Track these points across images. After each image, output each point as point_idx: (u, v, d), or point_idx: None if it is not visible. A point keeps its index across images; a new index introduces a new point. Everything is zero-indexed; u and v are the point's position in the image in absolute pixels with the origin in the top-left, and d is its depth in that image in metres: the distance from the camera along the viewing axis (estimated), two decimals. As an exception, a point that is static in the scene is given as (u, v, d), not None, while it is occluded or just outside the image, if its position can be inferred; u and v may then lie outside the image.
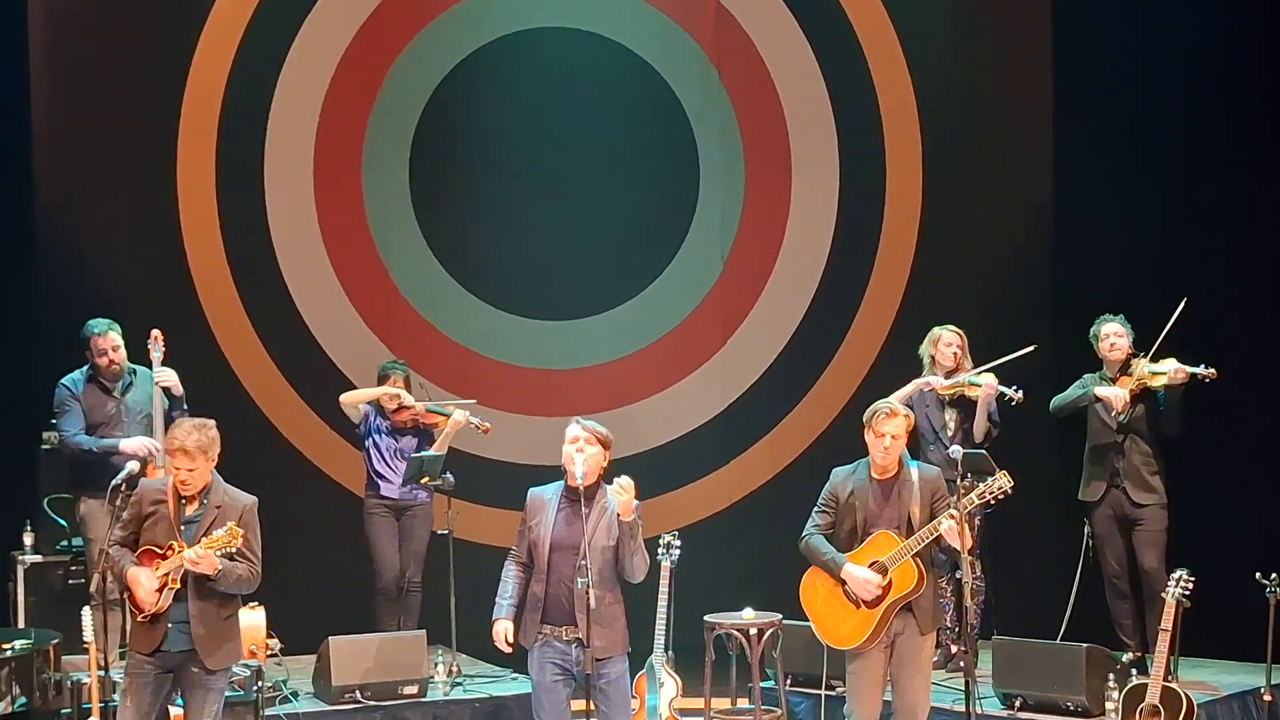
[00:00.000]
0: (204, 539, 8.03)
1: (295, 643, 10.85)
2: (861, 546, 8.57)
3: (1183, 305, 10.26)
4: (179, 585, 8.09)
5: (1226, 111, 11.78)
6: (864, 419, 8.64)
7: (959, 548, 8.48)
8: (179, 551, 8.03)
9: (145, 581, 8.08)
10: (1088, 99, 12.35)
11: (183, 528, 8.13)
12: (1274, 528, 11.06)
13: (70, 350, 10.73)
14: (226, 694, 8.47)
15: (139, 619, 8.16)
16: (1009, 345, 10.79)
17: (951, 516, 8.42)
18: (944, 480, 8.75)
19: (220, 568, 8.04)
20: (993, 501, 8.65)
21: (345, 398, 11.28)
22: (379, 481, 11.21)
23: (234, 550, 8.05)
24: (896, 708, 8.63)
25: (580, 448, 8.37)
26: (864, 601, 8.52)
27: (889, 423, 8.54)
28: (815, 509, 8.77)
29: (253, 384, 12.33)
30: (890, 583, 8.50)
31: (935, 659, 9.42)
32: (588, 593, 8.16)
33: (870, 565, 8.52)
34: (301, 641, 10.87)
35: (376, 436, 11.22)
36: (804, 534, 8.74)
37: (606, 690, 8.36)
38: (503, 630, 8.44)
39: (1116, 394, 10.37)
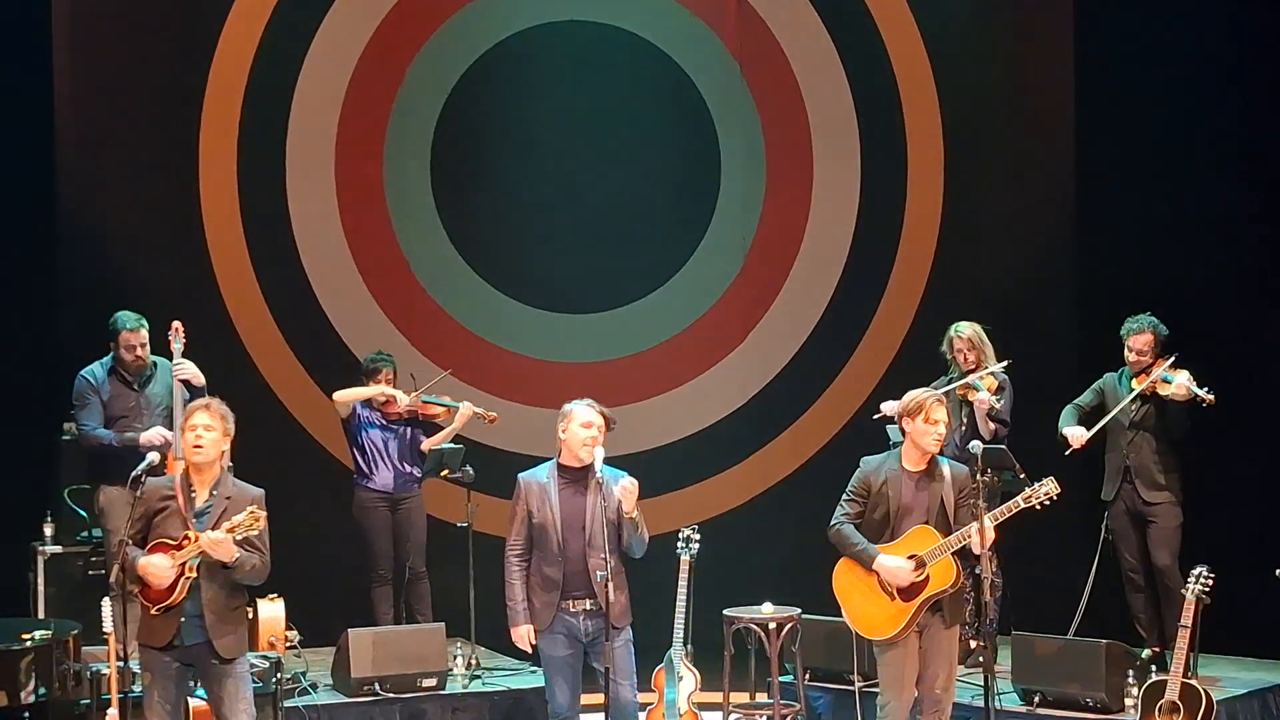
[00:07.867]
0: (223, 525, 7.99)
1: (314, 635, 10.83)
2: (900, 539, 8.51)
3: (1173, 359, 10.27)
4: (195, 575, 8.06)
5: (1254, 99, 11.69)
6: (907, 410, 8.55)
7: (978, 550, 8.48)
8: (194, 541, 8.00)
9: (160, 566, 8.01)
10: (1110, 87, 12.28)
11: (194, 520, 8.11)
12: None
13: (91, 341, 10.74)
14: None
15: (152, 612, 8.13)
16: (1031, 337, 10.74)
17: (994, 519, 8.42)
18: (970, 481, 8.62)
19: (237, 555, 8.02)
20: (1038, 507, 8.54)
21: (340, 396, 11.23)
22: (370, 475, 11.20)
23: (244, 539, 8.02)
24: (922, 697, 8.59)
25: (596, 436, 8.55)
26: (899, 594, 8.47)
27: (940, 409, 8.52)
28: (844, 497, 8.69)
29: (272, 375, 12.32)
30: (928, 578, 8.45)
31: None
32: (606, 586, 8.38)
33: (908, 558, 8.47)
34: (320, 634, 10.86)
35: (368, 430, 11.20)
36: (833, 522, 8.65)
37: (613, 656, 8.50)
38: (526, 633, 8.66)
39: (1075, 435, 10.36)
